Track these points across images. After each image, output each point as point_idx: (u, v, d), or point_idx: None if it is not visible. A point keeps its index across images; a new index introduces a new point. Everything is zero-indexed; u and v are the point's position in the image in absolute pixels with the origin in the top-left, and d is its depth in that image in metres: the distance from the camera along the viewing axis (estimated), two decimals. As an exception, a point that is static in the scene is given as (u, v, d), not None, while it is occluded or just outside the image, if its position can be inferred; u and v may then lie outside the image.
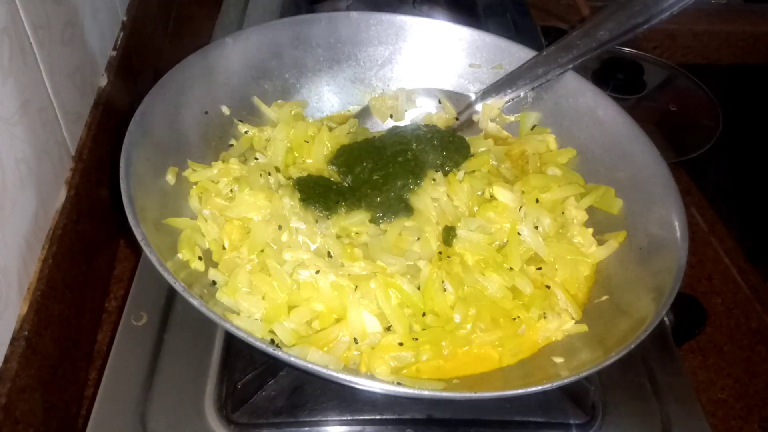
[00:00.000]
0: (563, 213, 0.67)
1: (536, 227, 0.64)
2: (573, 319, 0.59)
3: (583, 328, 0.59)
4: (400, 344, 0.55)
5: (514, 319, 0.59)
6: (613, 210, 0.67)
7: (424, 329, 0.57)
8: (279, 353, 0.47)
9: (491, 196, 0.67)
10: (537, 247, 0.63)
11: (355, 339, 0.55)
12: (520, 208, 0.65)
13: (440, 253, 0.62)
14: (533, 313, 0.59)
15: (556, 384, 0.49)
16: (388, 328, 0.56)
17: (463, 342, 0.57)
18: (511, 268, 0.62)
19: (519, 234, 0.64)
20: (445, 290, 0.58)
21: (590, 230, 0.66)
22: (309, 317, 0.57)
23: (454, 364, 0.56)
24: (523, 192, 0.67)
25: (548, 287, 0.61)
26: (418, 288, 0.59)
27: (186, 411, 0.57)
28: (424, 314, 0.58)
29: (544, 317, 0.59)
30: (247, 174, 0.66)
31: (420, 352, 0.55)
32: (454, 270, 0.60)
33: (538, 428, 0.59)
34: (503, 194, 0.66)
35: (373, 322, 0.56)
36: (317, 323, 0.57)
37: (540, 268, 0.63)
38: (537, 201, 0.66)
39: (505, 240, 0.64)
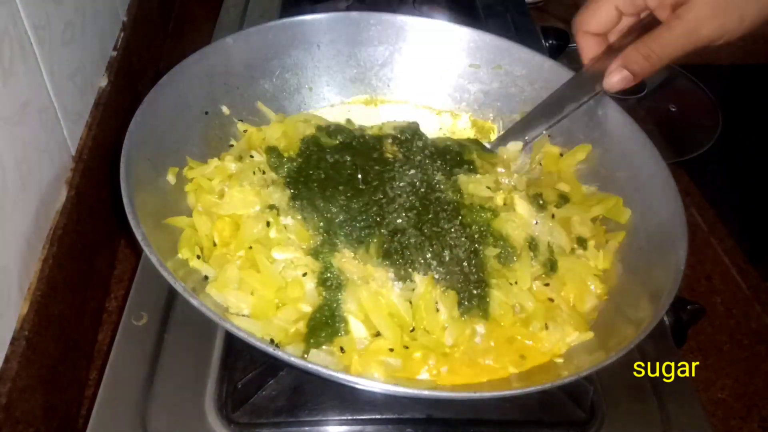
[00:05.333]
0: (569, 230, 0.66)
1: (549, 243, 0.63)
2: (577, 330, 0.57)
3: (589, 336, 0.57)
4: (391, 350, 0.54)
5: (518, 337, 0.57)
6: (621, 219, 0.66)
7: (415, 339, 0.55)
8: (279, 353, 0.47)
9: (504, 203, 0.65)
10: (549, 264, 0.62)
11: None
12: (536, 222, 0.64)
13: None
14: (533, 327, 0.57)
15: (555, 384, 0.49)
16: (377, 334, 0.55)
17: (458, 361, 0.55)
18: (514, 282, 0.60)
19: (531, 250, 0.62)
20: (438, 311, 0.56)
21: (593, 242, 0.65)
22: (295, 317, 0.56)
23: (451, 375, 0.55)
24: (540, 204, 0.66)
25: (552, 300, 0.60)
26: (410, 302, 0.57)
27: (186, 411, 0.57)
28: (413, 329, 0.56)
29: (546, 328, 0.57)
30: (240, 171, 0.66)
31: (411, 362, 0.54)
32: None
33: (538, 428, 0.59)
34: (522, 206, 0.65)
35: (359, 327, 0.56)
36: (302, 324, 0.56)
37: (548, 284, 0.61)
38: (553, 216, 0.65)
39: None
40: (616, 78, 0.61)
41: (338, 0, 1.02)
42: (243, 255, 0.59)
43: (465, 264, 0.60)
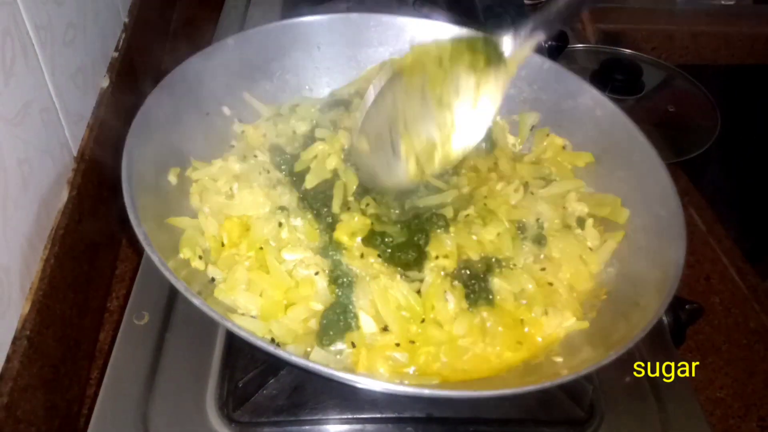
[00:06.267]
0: (564, 207, 0.67)
1: (537, 219, 0.65)
2: (574, 316, 0.59)
3: (584, 325, 0.59)
4: (397, 345, 0.55)
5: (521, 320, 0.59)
6: (619, 219, 0.66)
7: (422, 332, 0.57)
8: (280, 352, 0.47)
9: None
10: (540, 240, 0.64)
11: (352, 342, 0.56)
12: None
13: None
14: (536, 311, 0.59)
15: (555, 382, 0.50)
16: (385, 329, 0.56)
17: (462, 352, 0.56)
18: (514, 265, 0.62)
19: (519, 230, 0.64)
20: (446, 300, 0.58)
21: (590, 220, 0.66)
22: (306, 315, 0.57)
23: (454, 370, 0.56)
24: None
25: (551, 284, 0.61)
26: (418, 292, 0.58)
27: (187, 410, 0.57)
28: (423, 320, 0.57)
29: (546, 314, 0.59)
30: (246, 172, 0.66)
31: (417, 355, 0.55)
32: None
33: (537, 426, 0.59)
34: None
35: (368, 323, 0.56)
36: (314, 322, 0.57)
37: (544, 269, 0.63)
38: (532, 194, 0.67)
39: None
40: None
41: (338, 1, 1.03)
42: (252, 256, 0.60)
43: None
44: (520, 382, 0.54)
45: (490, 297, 0.60)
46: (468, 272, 0.61)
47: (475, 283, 0.60)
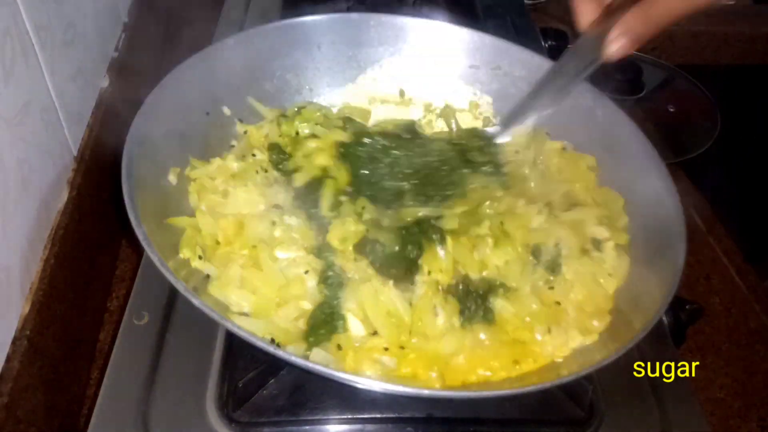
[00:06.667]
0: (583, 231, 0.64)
1: (556, 245, 0.61)
2: (582, 335, 0.56)
3: (593, 338, 0.56)
4: (386, 349, 0.54)
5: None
6: (619, 220, 0.66)
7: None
8: (280, 352, 0.47)
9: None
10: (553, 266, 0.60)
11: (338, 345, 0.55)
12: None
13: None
14: (537, 332, 0.56)
15: (555, 383, 0.50)
16: (374, 333, 0.55)
17: (453, 368, 0.54)
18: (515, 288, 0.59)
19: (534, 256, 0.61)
20: (436, 315, 0.56)
21: (611, 243, 0.63)
22: (296, 314, 0.57)
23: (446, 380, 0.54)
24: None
25: (559, 304, 0.58)
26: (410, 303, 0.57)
27: (187, 410, 0.57)
28: (410, 332, 0.55)
29: (549, 332, 0.56)
30: (243, 170, 0.66)
31: (405, 362, 0.53)
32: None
33: (537, 426, 0.59)
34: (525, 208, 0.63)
35: (357, 326, 0.56)
36: (302, 322, 0.56)
37: (552, 288, 0.59)
38: (555, 216, 0.63)
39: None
40: (615, 47, 0.56)
41: (339, 1, 1.03)
42: (246, 254, 0.59)
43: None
44: (520, 382, 0.54)
45: (490, 316, 0.57)
46: (465, 288, 0.58)
47: (471, 301, 0.57)
